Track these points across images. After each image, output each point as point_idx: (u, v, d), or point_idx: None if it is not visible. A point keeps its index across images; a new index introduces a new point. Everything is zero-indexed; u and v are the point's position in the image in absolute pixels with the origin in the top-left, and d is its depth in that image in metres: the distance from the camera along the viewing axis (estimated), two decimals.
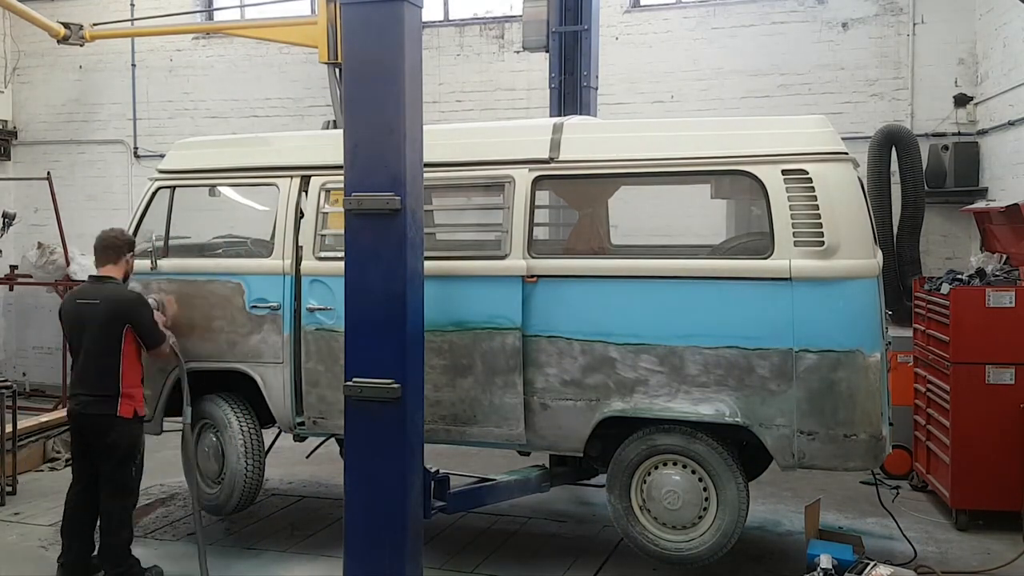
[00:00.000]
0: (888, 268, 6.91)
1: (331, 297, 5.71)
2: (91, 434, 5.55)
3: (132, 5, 11.76)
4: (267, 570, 5.93)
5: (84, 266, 10.73)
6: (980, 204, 8.46)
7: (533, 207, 5.50)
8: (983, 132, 8.94)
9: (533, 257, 5.41)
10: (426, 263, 5.06)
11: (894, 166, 8.59)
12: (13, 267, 11.63)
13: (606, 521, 5.32)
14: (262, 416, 6.21)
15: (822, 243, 4.95)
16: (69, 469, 8.24)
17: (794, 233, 4.99)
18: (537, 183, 5.54)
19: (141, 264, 6.29)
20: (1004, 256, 7.35)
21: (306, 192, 6.04)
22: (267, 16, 10.77)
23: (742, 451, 5.47)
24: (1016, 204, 7.20)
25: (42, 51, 12.14)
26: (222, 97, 11.51)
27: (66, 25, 10.55)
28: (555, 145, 5.53)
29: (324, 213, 5.87)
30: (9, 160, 12.44)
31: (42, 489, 7.71)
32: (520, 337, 5.39)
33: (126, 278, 5.79)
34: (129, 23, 11.33)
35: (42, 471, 8.28)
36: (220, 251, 6.86)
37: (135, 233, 6.44)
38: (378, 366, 4.79)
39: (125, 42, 11.64)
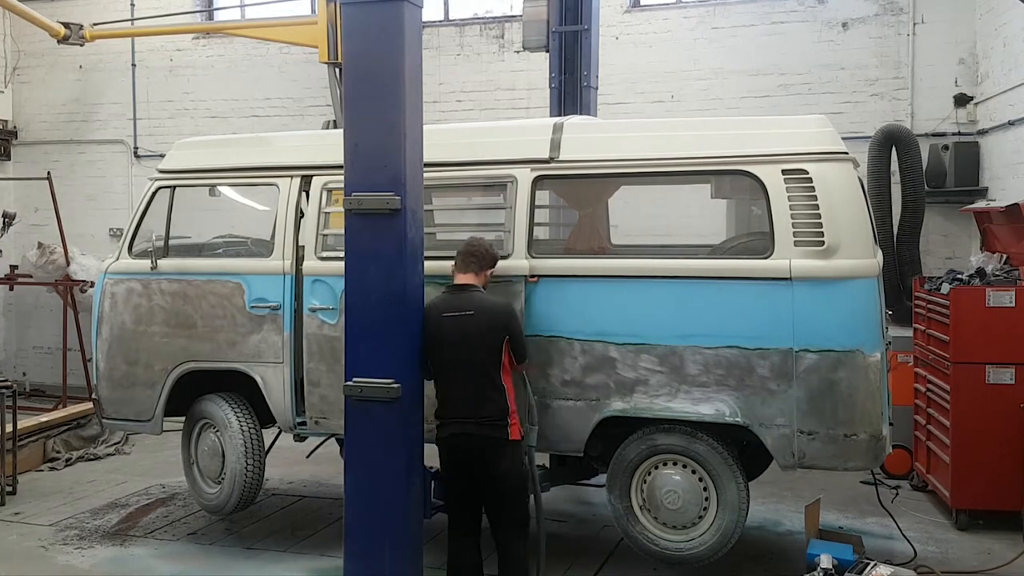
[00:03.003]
0: (888, 268, 6.91)
1: (333, 297, 5.72)
2: (480, 464, 4.89)
3: (132, 5, 11.76)
4: (267, 570, 5.93)
5: (84, 266, 10.74)
6: (980, 204, 8.46)
7: (534, 207, 5.50)
8: (983, 132, 8.94)
9: (534, 257, 5.42)
10: (427, 263, 5.07)
11: (894, 166, 8.58)
12: (13, 267, 11.63)
13: (606, 521, 5.32)
14: (262, 416, 6.21)
15: (822, 243, 4.95)
16: (69, 469, 8.35)
17: (794, 233, 4.99)
18: (537, 183, 5.54)
19: (141, 264, 6.31)
20: (1004, 256, 7.34)
21: (306, 192, 6.04)
22: (267, 16, 10.78)
23: (742, 451, 5.47)
24: (1016, 204, 7.20)
25: (42, 51, 12.13)
26: (222, 97, 11.51)
27: (66, 25, 10.56)
28: (555, 145, 5.53)
29: (326, 213, 5.87)
30: (9, 160, 12.44)
31: (42, 489, 7.72)
32: None
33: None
34: (129, 23, 11.33)
35: (42, 471, 8.29)
36: (220, 251, 6.87)
37: (135, 234, 6.46)
38: (378, 366, 4.80)
39: (125, 42, 11.64)
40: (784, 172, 5.05)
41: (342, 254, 5.09)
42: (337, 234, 5.76)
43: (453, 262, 5.16)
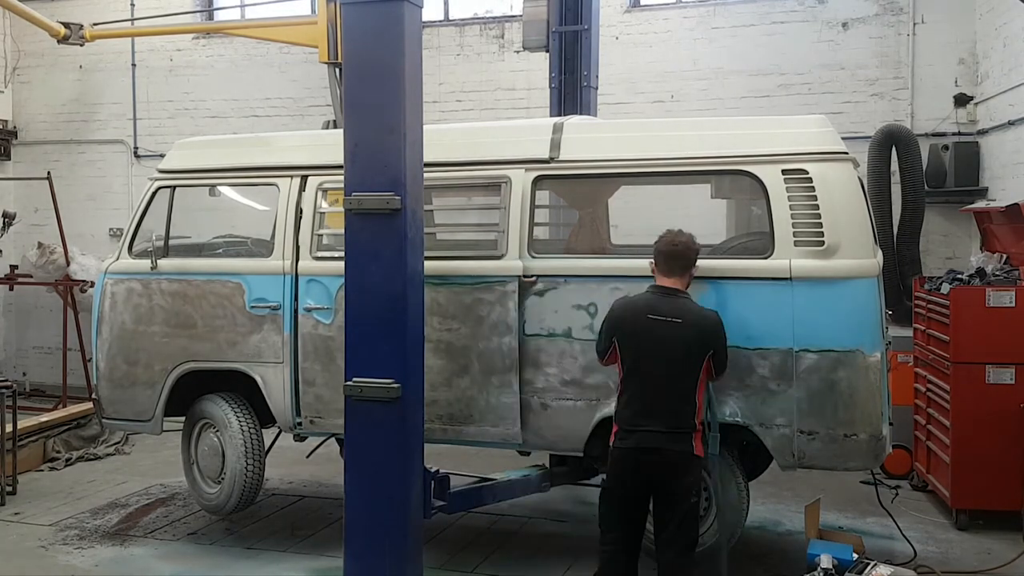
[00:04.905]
0: (888, 268, 6.90)
1: (328, 297, 5.72)
2: (660, 477, 4.63)
3: (132, 5, 11.75)
4: (267, 570, 5.93)
5: (84, 266, 10.74)
6: (980, 204, 8.46)
7: (533, 207, 5.50)
8: (983, 132, 8.94)
9: (534, 257, 5.42)
10: (427, 263, 5.06)
11: (894, 166, 8.58)
12: (13, 267, 11.63)
13: None
14: (262, 416, 6.21)
15: (822, 243, 4.95)
16: (69, 469, 8.35)
17: (794, 233, 4.99)
18: (537, 183, 5.54)
19: (141, 264, 6.30)
20: (1004, 256, 7.35)
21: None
22: (267, 16, 10.77)
23: (742, 451, 5.47)
24: (1016, 204, 7.20)
25: (42, 51, 12.13)
26: (222, 97, 11.51)
27: (66, 25, 10.55)
28: (555, 145, 5.53)
29: (321, 213, 5.87)
30: (9, 160, 12.43)
31: (42, 489, 7.72)
32: (516, 337, 5.39)
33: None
34: (129, 23, 11.33)
35: (42, 471, 8.28)
36: (220, 251, 6.87)
37: (135, 234, 6.46)
38: (378, 366, 4.79)
39: (125, 42, 11.64)
40: (784, 172, 5.05)
41: (337, 254, 5.09)
42: (332, 234, 5.77)
43: (652, 259, 4.89)
